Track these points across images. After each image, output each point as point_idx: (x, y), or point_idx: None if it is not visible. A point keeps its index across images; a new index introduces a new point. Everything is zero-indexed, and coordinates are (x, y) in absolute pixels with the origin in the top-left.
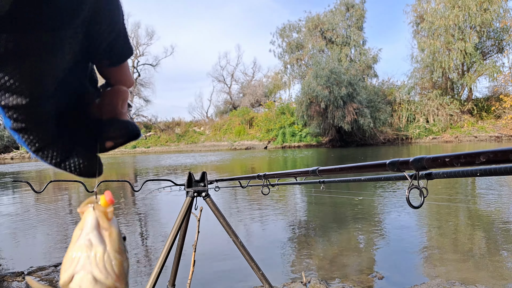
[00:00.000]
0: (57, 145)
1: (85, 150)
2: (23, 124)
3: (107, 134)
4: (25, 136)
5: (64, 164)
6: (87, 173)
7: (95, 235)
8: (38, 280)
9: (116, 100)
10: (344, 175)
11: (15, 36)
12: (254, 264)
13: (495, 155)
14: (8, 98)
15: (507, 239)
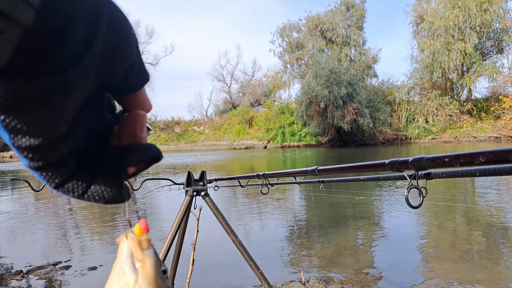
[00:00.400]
0: (77, 177)
1: (109, 178)
2: (39, 163)
3: (128, 160)
4: (43, 174)
5: (87, 195)
6: (113, 201)
7: (128, 265)
8: (37, 279)
9: (134, 126)
10: (343, 174)
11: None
12: (253, 263)
13: (494, 155)
14: (21, 140)
15: (505, 239)
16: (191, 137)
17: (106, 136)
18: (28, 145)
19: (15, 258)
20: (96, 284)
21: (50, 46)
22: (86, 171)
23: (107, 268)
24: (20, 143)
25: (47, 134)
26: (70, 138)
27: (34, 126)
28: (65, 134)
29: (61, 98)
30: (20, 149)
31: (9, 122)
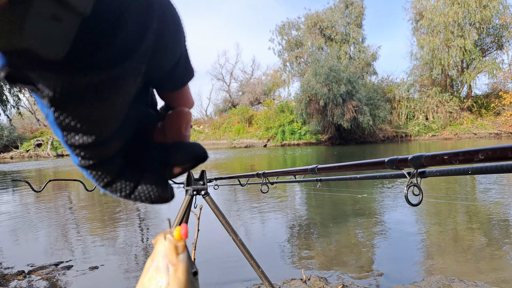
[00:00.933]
0: (125, 177)
1: (155, 178)
2: (90, 161)
3: (174, 160)
4: (93, 172)
5: (134, 195)
6: (159, 200)
7: (161, 268)
8: (39, 279)
9: (180, 123)
10: (343, 173)
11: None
12: (253, 262)
13: (493, 153)
14: (73, 137)
15: (506, 236)
16: (191, 136)
17: (150, 133)
18: (81, 143)
19: (16, 258)
20: (97, 284)
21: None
22: (133, 170)
23: (109, 268)
24: (73, 141)
25: (100, 131)
26: (120, 135)
27: (87, 123)
28: (117, 131)
29: (114, 94)
30: (73, 147)
31: (63, 119)
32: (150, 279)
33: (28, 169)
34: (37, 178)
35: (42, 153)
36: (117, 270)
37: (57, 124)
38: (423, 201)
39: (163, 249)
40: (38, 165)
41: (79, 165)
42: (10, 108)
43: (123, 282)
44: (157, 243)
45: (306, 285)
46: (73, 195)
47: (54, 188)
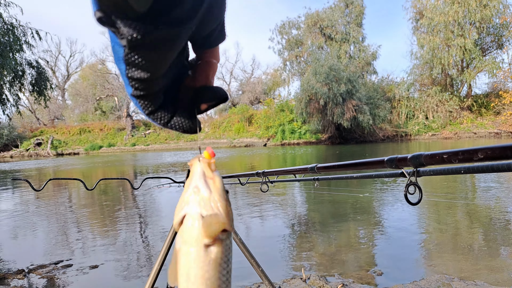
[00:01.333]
0: (164, 109)
1: (186, 112)
2: (141, 92)
3: (202, 98)
4: (141, 102)
5: (170, 124)
6: (189, 130)
7: (202, 182)
8: (39, 278)
9: (208, 71)
10: (342, 172)
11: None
12: (253, 261)
13: (492, 152)
14: (134, 72)
15: (506, 235)
16: (191, 135)
17: (183, 78)
18: (138, 77)
19: (16, 257)
20: (97, 282)
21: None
22: (170, 105)
23: (109, 267)
24: (132, 74)
25: (154, 70)
26: (166, 76)
27: (147, 63)
28: (164, 73)
29: (172, 45)
30: (131, 79)
31: (130, 57)
32: (192, 193)
33: (28, 168)
34: (37, 177)
35: (42, 152)
36: (117, 269)
37: (124, 60)
38: (423, 200)
39: (199, 168)
40: (38, 164)
41: (131, 94)
42: (10, 107)
43: (123, 281)
44: (193, 165)
45: (306, 284)
46: (73, 194)
47: (54, 187)
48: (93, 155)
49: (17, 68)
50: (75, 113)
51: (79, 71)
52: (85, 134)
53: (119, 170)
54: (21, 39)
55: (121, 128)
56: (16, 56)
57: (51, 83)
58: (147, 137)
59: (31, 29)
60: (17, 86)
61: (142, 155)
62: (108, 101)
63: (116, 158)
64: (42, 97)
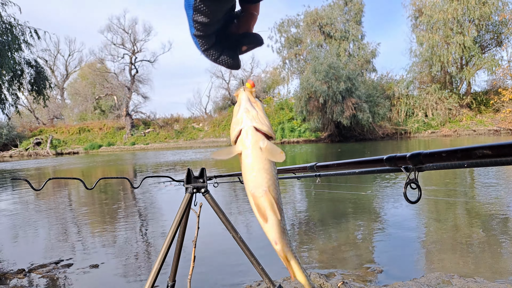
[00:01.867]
0: (215, 48)
1: (231, 52)
2: (201, 33)
3: (243, 41)
4: (200, 40)
5: (218, 60)
6: (233, 67)
7: (249, 105)
8: (39, 277)
9: (250, 21)
10: (342, 170)
11: None
12: (253, 259)
13: (490, 150)
14: (199, 16)
15: (505, 232)
16: (191, 134)
17: (230, 25)
18: (201, 21)
19: (17, 256)
20: (98, 282)
21: None
22: (219, 45)
23: (109, 266)
24: (197, 18)
25: (212, 17)
26: (218, 22)
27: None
28: (219, 18)
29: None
30: (195, 22)
31: (198, 5)
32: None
33: (28, 167)
34: (37, 176)
35: (42, 152)
36: (118, 268)
37: (193, 7)
38: (423, 198)
39: (245, 95)
40: (37, 163)
41: (193, 34)
42: (8, 106)
43: (123, 280)
44: (239, 93)
45: None
46: (73, 194)
47: (54, 186)
48: (93, 154)
49: (15, 67)
50: (74, 112)
51: (78, 70)
52: (85, 133)
53: (118, 169)
54: (20, 38)
55: (121, 127)
56: (14, 55)
57: (50, 82)
58: (147, 136)
59: (30, 28)
60: (16, 85)
61: (142, 154)
62: (107, 100)
63: (115, 157)
64: (41, 97)
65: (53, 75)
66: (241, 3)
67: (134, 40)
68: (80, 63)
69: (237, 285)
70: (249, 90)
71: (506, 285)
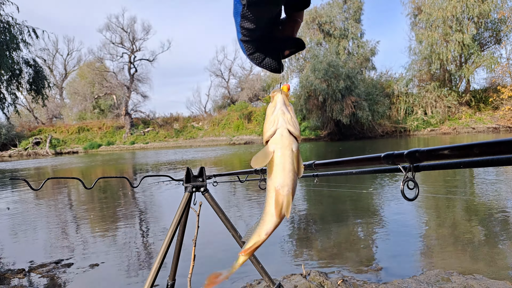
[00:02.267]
0: (259, 52)
1: (274, 56)
2: (247, 38)
3: (285, 46)
4: (246, 45)
5: (262, 63)
6: (275, 71)
7: (285, 107)
8: (39, 277)
9: (293, 27)
10: (339, 168)
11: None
12: (253, 258)
13: (488, 147)
14: (246, 23)
15: (504, 229)
16: (190, 133)
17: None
18: (247, 27)
19: (17, 256)
20: (98, 281)
21: None
22: (264, 49)
23: (109, 265)
24: (244, 25)
25: (258, 23)
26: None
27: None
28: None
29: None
30: (242, 28)
31: (246, 12)
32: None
33: (27, 167)
34: (36, 176)
35: (41, 151)
36: (118, 267)
37: (241, 14)
38: (422, 195)
39: (282, 98)
40: (36, 163)
41: (240, 39)
42: (7, 106)
43: (124, 279)
44: (276, 95)
45: (306, 280)
46: (73, 193)
47: (53, 186)
48: (92, 153)
49: (14, 67)
50: (73, 112)
51: (77, 69)
52: (84, 133)
53: (118, 169)
54: (18, 38)
55: (120, 126)
56: (13, 55)
57: (49, 81)
58: (146, 135)
59: (28, 28)
60: (14, 85)
61: (142, 154)
62: (107, 99)
63: (115, 156)
64: (40, 96)
65: (51, 75)
66: (286, 11)
67: (133, 39)
68: (79, 62)
69: (237, 283)
70: (285, 93)
71: (506, 281)
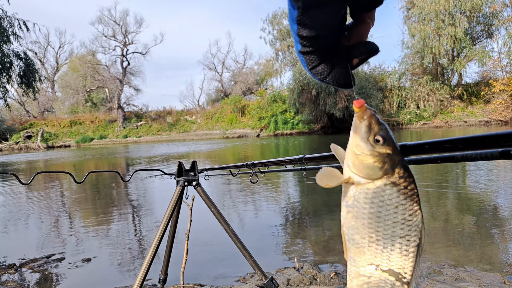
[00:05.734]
0: (324, 64)
1: (341, 69)
2: (307, 48)
3: (354, 54)
4: (307, 57)
5: (327, 78)
6: (344, 86)
7: None
8: (30, 272)
9: (362, 30)
10: (328, 162)
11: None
12: (246, 252)
13: (472, 141)
14: (304, 30)
15: (495, 222)
16: (183, 126)
17: (340, 39)
18: (307, 35)
19: (7, 251)
20: (90, 276)
21: None
22: (329, 61)
23: (101, 260)
24: (303, 33)
25: (320, 30)
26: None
27: (315, 23)
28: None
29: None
30: (301, 38)
31: (301, 18)
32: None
33: (18, 161)
34: (28, 170)
35: (32, 145)
36: (110, 262)
37: (296, 21)
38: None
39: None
40: (28, 157)
41: (299, 51)
42: None
43: (116, 273)
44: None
45: (299, 273)
46: (65, 187)
47: (45, 180)
48: (84, 147)
49: (4, 60)
50: (65, 105)
51: (68, 62)
52: (76, 126)
53: (110, 163)
54: (8, 30)
55: (113, 120)
56: (3, 48)
57: (40, 75)
58: (139, 129)
59: (18, 20)
60: (4, 78)
61: (134, 147)
62: (99, 92)
63: (107, 150)
64: (31, 89)
65: (43, 68)
66: (353, 14)
67: (126, 32)
68: (70, 55)
69: (230, 277)
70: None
71: (496, 274)
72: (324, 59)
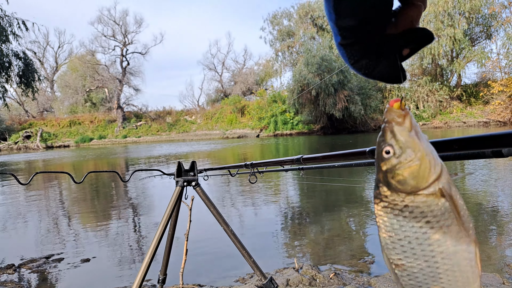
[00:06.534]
0: (368, 58)
1: (389, 62)
2: (348, 40)
3: (403, 43)
4: (348, 51)
5: (373, 74)
6: (393, 80)
7: None
8: (29, 272)
9: (412, 15)
10: (326, 162)
11: None
12: (245, 252)
13: (467, 142)
14: (343, 20)
15: (494, 223)
16: (183, 126)
17: (386, 27)
18: (346, 25)
19: (6, 251)
20: (89, 276)
21: None
22: (374, 54)
23: (100, 260)
24: (341, 23)
25: (361, 18)
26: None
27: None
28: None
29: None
30: (340, 28)
31: (339, 6)
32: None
33: (17, 161)
34: (27, 170)
35: (31, 145)
36: (109, 262)
37: (334, 9)
38: None
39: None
40: (27, 157)
41: (339, 43)
42: None
43: (115, 274)
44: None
45: (299, 274)
46: (64, 188)
47: (44, 180)
48: (84, 147)
49: (3, 60)
50: (64, 105)
51: (68, 62)
52: (75, 126)
53: (110, 163)
54: (7, 30)
55: (112, 120)
56: (2, 47)
57: (39, 74)
58: (139, 129)
59: (17, 19)
60: (3, 77)
61: (134, 147)
62: (98, 92)
63: (107, 150)
64: (30, 89)
65: (42, 67)
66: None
67: (125, 32)
68: (70, 55)
69: (230, 277)
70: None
71: (495, 274)
72: (368, 51)
